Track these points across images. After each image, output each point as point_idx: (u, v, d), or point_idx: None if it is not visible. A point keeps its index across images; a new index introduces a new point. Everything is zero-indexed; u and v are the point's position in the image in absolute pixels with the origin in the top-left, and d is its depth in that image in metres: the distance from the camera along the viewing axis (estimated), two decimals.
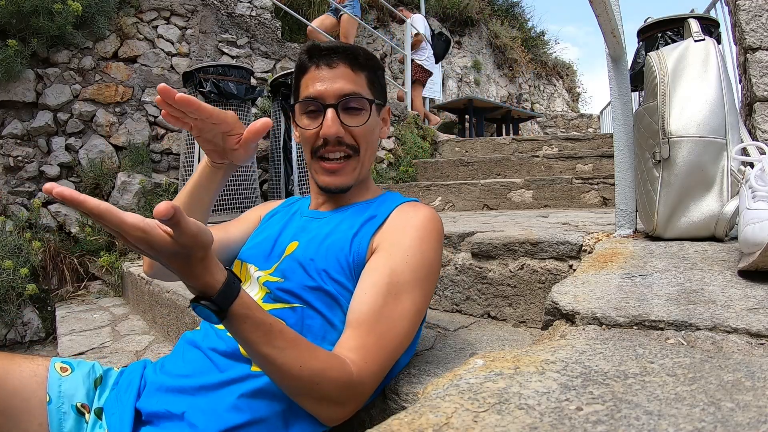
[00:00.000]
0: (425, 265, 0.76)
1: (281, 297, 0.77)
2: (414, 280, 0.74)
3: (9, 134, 2.82)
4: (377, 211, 0.85)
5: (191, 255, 0.55)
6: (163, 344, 1.65)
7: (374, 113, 0.88)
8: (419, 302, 0.75)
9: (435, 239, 0.80)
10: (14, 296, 2.47)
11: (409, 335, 0.74)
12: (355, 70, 0.85)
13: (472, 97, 5.66)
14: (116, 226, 0.51)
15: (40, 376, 0.76)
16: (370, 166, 0.92)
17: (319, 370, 0.63)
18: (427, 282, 0.77)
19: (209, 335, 0.78)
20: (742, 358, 0.43)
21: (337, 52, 0.84)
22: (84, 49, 3.07)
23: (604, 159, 2.95)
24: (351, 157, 0.86)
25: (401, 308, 0.72)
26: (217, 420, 0.68)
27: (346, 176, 0.87)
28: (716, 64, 1.00)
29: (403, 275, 0.73)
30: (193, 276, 0.57)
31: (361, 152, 0.87)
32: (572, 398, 0.37)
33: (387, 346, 0.70)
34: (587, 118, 8.13)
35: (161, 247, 0.53)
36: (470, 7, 7.07)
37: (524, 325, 1.12)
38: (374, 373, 0.69)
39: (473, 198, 2.90)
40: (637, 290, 0.66)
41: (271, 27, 3.98)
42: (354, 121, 0.84)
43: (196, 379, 0.73)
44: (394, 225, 0.80)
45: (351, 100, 0.84)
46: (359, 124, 0.84)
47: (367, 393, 0.69)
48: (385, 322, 0.70)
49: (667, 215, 1.00)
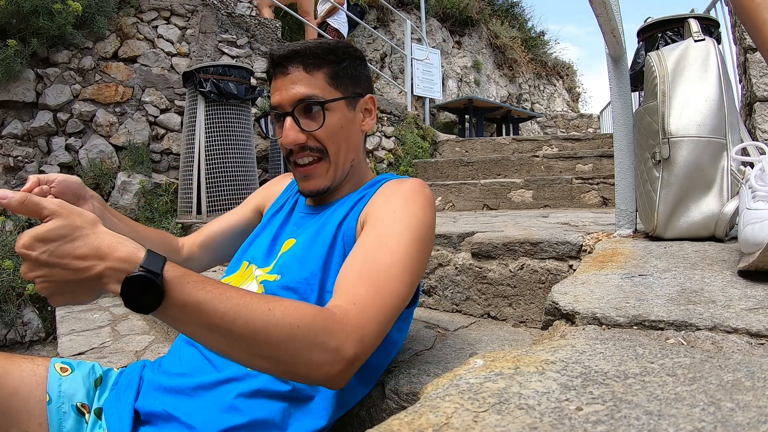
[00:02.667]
0: (414, 220, 0.72)
1: (277, 294, 0.77)
2: (405, 231, 0.70)
3: (9, 134, 2.83)
4: (367, 191, 0.86)
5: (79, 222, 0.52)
6: (163, 344, 1.65)
7: (340, 108, 0.84)
8: (412, 254, 0.69)
9: (422, 201, 0.77)
10: (14, 296, 2.47)
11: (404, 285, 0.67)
12: (309, 71, 0.82)
13: (472, 97, 5.66)
14: None
15: (40, 376, 0.76)
16: (354, 161, 0.89)
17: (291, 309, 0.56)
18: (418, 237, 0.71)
19: None
20: (742, 358, 0.43)
21: (288, 58, 0.83)
22: (84, 49, 3.07)
23: (604, 159, 2.95)
24: (322, 159, 0.85)
25: (391, 257, 0.66)
26: (215, 420, 0.68)
27: (319, 179, 0.86)
28: (716, 64, 1.00)
29: (392, 228, 0.70)
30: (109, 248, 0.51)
31: (331, 153, 0.85)
32: (572, 398, 0.37)
33: (375, 291, 0.63)
34: (587, 118, 8.12)
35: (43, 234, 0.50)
36: (470, 7, 7.07)
37: (524, 325, 1.12)
38: (371, 318, 0.61)
39: (473, 198, 2.90)
40: (637, 290, 0.66)
41: (271, 27, 3.98)
42: (313, 125, 0.82)
43: (193, 378, 0.73)
44: (378, 197, 0.80)
45: (305, 104, 0.82)
46: (317, 127, 0.82)
47: (369, 340, 0.60)
48: (374, 271, 0.65)
49: (667, 215, 1.00)
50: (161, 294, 0.51)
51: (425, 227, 0.74)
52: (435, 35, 6.65)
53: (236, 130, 2.82)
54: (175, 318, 0.53)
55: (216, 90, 2.71)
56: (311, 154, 0.84)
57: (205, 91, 2.70)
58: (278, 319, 0.54)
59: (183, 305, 0.52)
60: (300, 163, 0.85)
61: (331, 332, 0.57)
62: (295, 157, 0.85)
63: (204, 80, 2.71)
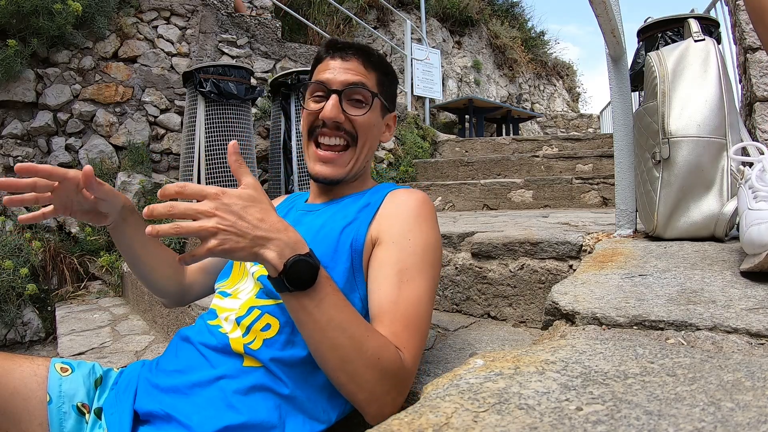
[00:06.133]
0: (428, 246, 0.78)
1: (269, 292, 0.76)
2: (421, 262, 0.76)
3: (9, 134, 2.83)
4: (371, 198, 0.86)
5: (266, 199, 0.62)
6: (163, 344, 1.65)
7: (377, 109, 0.90)
8: (431, 282, 0.77)
9: (432, 220, 0.82)
10: (14, 296, 2.47)
11: (429, 315, 0.76)
12: (366, 67, 0.89)
13: (472, 97, 5.66)
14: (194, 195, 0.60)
15: (40, 376, 0.76)
16: (366, 164, 0.93)
17: (383, 345, 0.65)
18: (433, 262, 0.78)
19: (201, 331, 0.78)
20: (742, 358, 0.43)
21: (352, 48, 0.89)
22: (84, 49, 3.08)
23: (604, 159, 2.95)
24: (348, 147, 0.88)
25: (417, 291, 0.73)
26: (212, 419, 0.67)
27: (339, 168, 0.88)
28: (716, 64, 1.00)
29: (410, 260, 0.75)
30: (284, 227, 0.62)
31: (359, 143, 0.88)
32: (572, 398, 0.37)
33: (415, 329, 0.71)
34: (587, 118, 8.12)
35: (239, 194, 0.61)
36: (470, 7, 7.07)
37: (524, 325, 1.12)
38: (413, 358, 0.70)
39: (473, 198, 2.91)
40: (637, 290, 0.66)
41: (271, 27, 3.98)
42: (356, 111, 0.86)
43: (189, 375, 0.72)
44: (388, 212, 0.81)
45: (356, 90, 0.86)
46: (360, 114, 0.86)
47: (409, 383, 0.69)
48: (406, 308, 0.71)
49: (667, 215, 1.00)
50: (314, 282, 0.61)
51: (436, 249, 0.80)
52: (435, 35, 6.66)
53: (236, 130, 2.82)
54: (307, 307, 0.62)
55: (216, 90, 2.71)
56: (343, 137, 0.87)
57: (205, 91, 2.70)
58: (372, 348, 0.64)
59: (321, 299, 0.62)
60: (324, 143, 0.87)
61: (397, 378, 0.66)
62: (321, 132, 0.87)
63: (204, 80, 2.71)
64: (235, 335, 0.74)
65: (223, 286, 0.85)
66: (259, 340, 0.72)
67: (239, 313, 0.75)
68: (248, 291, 0.79)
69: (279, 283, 0.61)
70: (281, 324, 0.73)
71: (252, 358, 0.72)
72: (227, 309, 0.78)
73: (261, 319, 0.73)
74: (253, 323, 0.73)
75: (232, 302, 0.79)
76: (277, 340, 0.72)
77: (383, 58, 0.93)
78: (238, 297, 0.80)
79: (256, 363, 0.71)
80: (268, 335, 0.72)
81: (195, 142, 2.76)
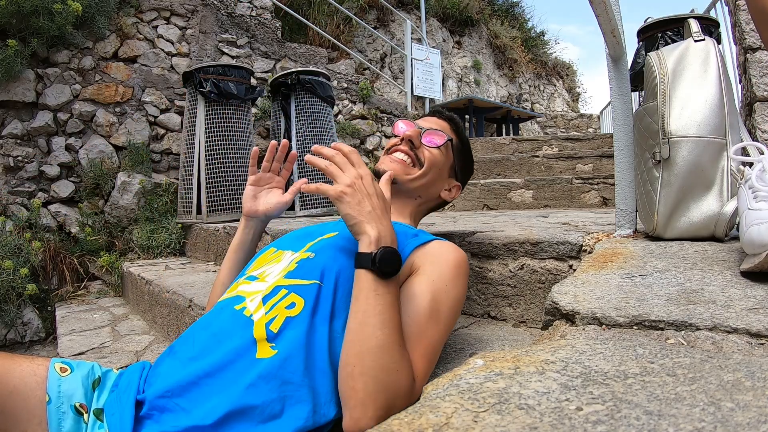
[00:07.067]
0: (458, 300, 0.85)
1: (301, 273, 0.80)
2: (449, 309, 0.82)
3: (9, 134, 2.83)
4: (420, 233, 0.92)
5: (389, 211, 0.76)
6: (163, 344, 1.65)
7: (448, 158, 1.08)
8: (449, 328, 0.83)
9: (467, 278, 0.89)
10: (14, 296, 2.47)
11: (439, 354, 0.81)
12: (452, 127, 1.11)
13: (472, 97, 5.66)
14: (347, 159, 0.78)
15: (39, 376, 0.76)
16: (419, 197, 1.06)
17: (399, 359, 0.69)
18: (456, 316, 0.85)
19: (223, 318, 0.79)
20: (742, 358, 0.43)
21: (442, 114, 1.13)
22: (84, 49, 3.08)
23: (604, 159, 2.95)
24: (414, 165, 1.03)
25: (439, 334, 0.79)
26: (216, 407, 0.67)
27: (402, 171, 1.01)
28: (716, 64, 1.00)
29: (443, 304, 0.81)
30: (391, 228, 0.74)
31: (423, 170, 1.03)
32: (572, 398, 0.37)
33: (428, 363, 0.76)
34: (587, 118, 8.12)
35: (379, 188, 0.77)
36: (470, 7, 7.07)
37: (524, 325, 1.12)
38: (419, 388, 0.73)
39: (473, 198, 2.91)
40: (637, 290, 0.66)
41: (271, 27, 3.98)
42: (429, 143, 1.04)
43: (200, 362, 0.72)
44: (435, 252, 0.86)
45: (435, 131, 1.05)
46: (432, 146, 1.04)
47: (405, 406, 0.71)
48: (427, 342, 0.77)
49: (667, 215, 1.00)
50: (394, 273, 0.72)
51: (462, 304, 0.88)
52: (435, 35, 6.66)
53: (236, 130, 2.82)
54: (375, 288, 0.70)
55: (216, 90, 2.71)
56: (411, 157, 1.03)
57: (205, 91, 2.70)
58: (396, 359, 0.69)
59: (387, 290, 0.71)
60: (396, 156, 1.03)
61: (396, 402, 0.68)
62: (396, 149, 1.04)
63: (204, 80, 2.71)
64: (258, 315, 0.74)
65: (250, 270, 0.89)
66: (281, 318, 0.73)
67: (266, 293, 0.78)
68: (276, 273, 0.83)
69: (367, 258, 0.70)
70: (306, 304, 0.75)
71: (269, 345, 0.72)
72: (254, 292, 0.80)
73: (287, 298, 0.76)
74: (278, 302, 0.76)
75: (259, 285, 0.82)
76: (298, 322, 0.73)
77: (465, 136, 1.14)
78: (265, 280, 0.82)
79: (270, 352, 0.71)
80: (291, 313, 0.74)
81: (195, 142, 2.75)
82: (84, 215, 2.93)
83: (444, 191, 1.09)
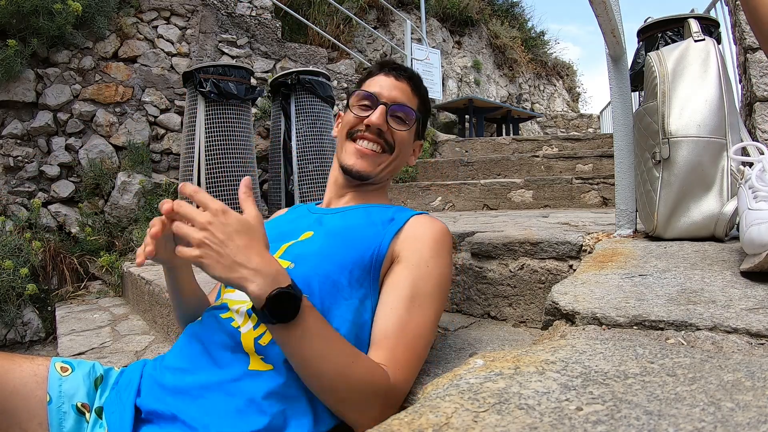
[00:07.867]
0: (442, 277, 0.82)
1: None
2: (433, 290, 0.80)
3: (9, 134, 2.83)
4: (396, 215, 0.89)
5: (261, 233, 0.63)
6: (163, 344, 1.65)
7: (413, 131, 1.00)
8: (438, 311, 0.81)
9: (450, 252, 0.87)
10: (14, 296, 2.47)
11: (431, 341, 0.80)
12: (413, 91, 0.99)
13: (472, 97, 5.66)
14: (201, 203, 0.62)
15: (40, 376, 0.76)
16: (390, 177, 1.01)
17: (362, 374, 0.67)
18: (444, 292, 0.83)
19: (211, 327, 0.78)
20: (742, 358, 0.43)
21: (404, 71, 0.99)
22: (84, 49, 3.08)
23: (604, 159, 2.95)
24: (385, 152, 0.96)
25: (424, 318, 0.77)
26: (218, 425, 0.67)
27: (372, 165, 0.94)
28: (716, 64, 1.00)
29: (425, 287, 0.79)
30: (267, 260, 0.62)
31: (394, 153, 0.96)
32: (572, 398, 0.37)
33: (415, 354, 0.75)
34: (587, 118, 8.12)
35: (237, 219, 0.62)
36: (470, 7, 7.07)
37: (524, 325, 1.12)
38: (406, 380, 0.73)
39: (473, 198, 2.91)
40: (637, 290, 0.66)
41: (271, 27, 3.98)
42: (398, 126, 0.96)
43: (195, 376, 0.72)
44: (413, 234, 0.85)
45: (402, 108, 0.96)
46: (401, 129, 0.96)
47: (400, 400, 0.73)
48: (411, 332, 0.75)
49: (667, 215, 1.00)
50: (296, 314, 0.62)
51: (448, 280, 0.85)
52: (435, 35, 6.65)
53: (236, 130, 2.82)
54: (291, 338, 0.63)
55: (216, 90, 2.71)
56: (381, 144, 0.95)
57: (205, 91, 2.70)
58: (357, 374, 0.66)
59: (304, 330, 0.63)
60: (363, 146, 0.95)
61: (386, 398, 0.69)
62: (362, 138, 0.95)
63: (204, 80, 2.71)
64: (246, 329, 0.74)
65: None
66: (269, 333, 0.72)
67: (249, 305, 0.76)
68: None
69: (263, 316, 0.62)
70: None
71: (260, 358, 0.72)
72: (238, 302, 0.78)
73: None
74: None
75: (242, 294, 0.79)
76: None
77: (426, 90, 1.04)
78: None
79: (263, 365, 0.71)
80: None
81: (195, 142, 2.76)
82: (84, 215, 2.93)
83: (410, 157, 1.04)
